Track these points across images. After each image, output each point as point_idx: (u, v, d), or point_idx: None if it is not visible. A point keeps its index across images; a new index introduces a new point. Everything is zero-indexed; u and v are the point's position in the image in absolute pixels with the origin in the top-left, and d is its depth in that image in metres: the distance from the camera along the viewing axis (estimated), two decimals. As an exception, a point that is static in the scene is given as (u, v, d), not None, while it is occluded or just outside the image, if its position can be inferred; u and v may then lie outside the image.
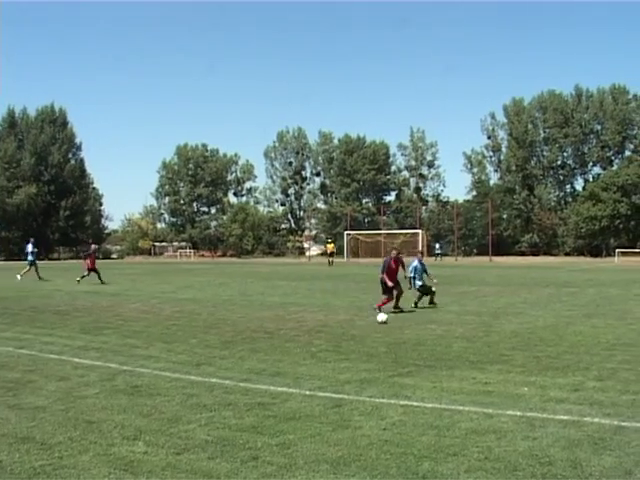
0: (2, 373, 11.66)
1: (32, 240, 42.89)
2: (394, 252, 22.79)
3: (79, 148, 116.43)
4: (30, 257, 41.19)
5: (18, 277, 39.49)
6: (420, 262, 23.43)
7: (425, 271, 23.40)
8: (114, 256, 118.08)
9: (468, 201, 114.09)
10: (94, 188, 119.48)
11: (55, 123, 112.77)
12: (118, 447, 7.51)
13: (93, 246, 40.57)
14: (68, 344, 15.10)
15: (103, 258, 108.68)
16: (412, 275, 23.10)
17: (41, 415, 8.90)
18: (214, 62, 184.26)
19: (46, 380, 11.10)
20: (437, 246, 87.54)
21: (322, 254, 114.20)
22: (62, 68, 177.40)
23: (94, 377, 11.34)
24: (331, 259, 69.34)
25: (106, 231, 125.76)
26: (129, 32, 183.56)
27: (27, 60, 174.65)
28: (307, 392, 10.12)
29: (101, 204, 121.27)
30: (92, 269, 36.72)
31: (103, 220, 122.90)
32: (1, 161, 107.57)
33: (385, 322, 18.34)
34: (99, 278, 36.24)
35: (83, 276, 36.37)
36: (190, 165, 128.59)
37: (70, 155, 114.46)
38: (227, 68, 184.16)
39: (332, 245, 74.91)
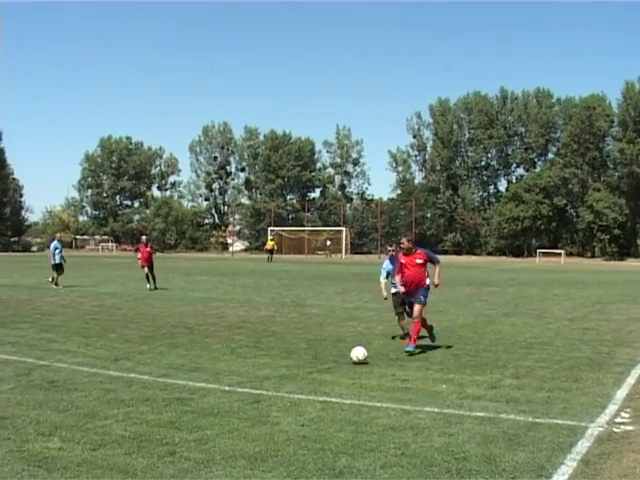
0: None
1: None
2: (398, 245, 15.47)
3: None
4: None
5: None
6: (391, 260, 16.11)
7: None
8: (34, 249, 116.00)
9: (392, 199, 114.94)
10: (14, 179, 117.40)
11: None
12: (32, 443, 7.40)
13: (144, 237, 32.43)
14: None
15: (22, 251, 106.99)
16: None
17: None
18: (141, 54, 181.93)
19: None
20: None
21: (246, 250, 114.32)
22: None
23: (9, 372, 11.15)
24: (270, 256, 69.40)
25: (26, 223, 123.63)
26: (51, 20, 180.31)
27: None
28: (226, 388, 10.11)
29: (21, 195, 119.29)
30: (148, 265, 29.63)
31: (23, 212, 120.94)
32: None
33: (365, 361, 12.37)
34: (148, 279, 29.30)
35: (148, 277, 29.41)
36: (114, 158, 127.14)
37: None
38: (153, 60, 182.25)
39: (272, 242, 74.91)
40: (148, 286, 28.74)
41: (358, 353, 12.30)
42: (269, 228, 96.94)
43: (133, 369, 11.50)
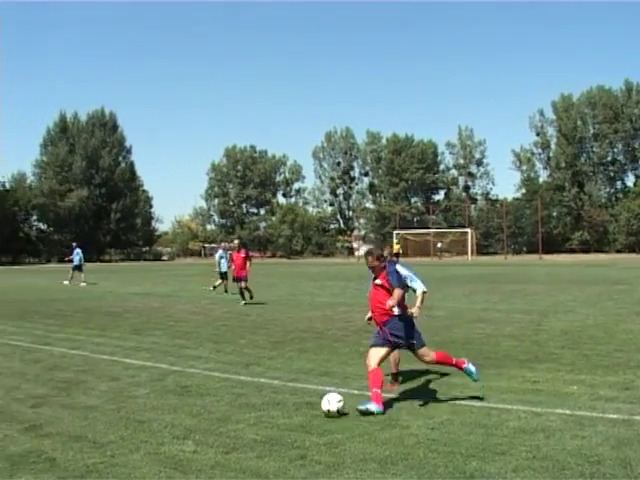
0: (56, 373, 11.85)
1: (75, 245, 43.77)
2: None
3: (129, 151, 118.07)
4: (75, 262, 41.57)
5: (66, 282, 39.65)
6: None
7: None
8: (165, 258, 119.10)
9: (517, 199, 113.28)
10: (144, 191, 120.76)
11: (105, 127, 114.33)
12: (168, 446, 7.62)
13: (236, 241, 30.05)
14: (119, 345, 15.30)
15: (153, 260, 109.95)
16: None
17: (93, 414, 9.04)
18: (265, 63, 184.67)
19: (98, 380, 11.27)
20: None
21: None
22: (112, 72, 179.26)
23: (145, 377, 11.48)
24: (396, 259, 69.23)
25: (156, 233, 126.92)
26: (176, 35, 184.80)
27: (78, 65, 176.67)
28: (355, 391, 10.15)
29: (151, 206, 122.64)
30: (240, 278, 26.02)
31: (153, 222, 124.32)
32: (53, 165, 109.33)
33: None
34: (243, 294, 25.66)
35: (242, 292, 25.89)
36: (239, 167, 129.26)
37: (120, 158, 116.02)
38: (274, 69, 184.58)
39: (398, 246, 74.90)
40: (243, 302, 25.13)
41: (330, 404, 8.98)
42: (394, 231, 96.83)
43: (263, 374, 11.67)
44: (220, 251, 32.57)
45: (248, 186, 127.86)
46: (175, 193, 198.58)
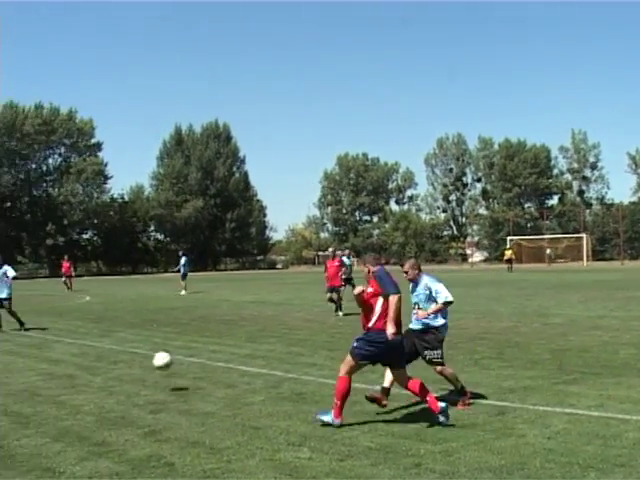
0: (173, 380, 12.11)
1: (181, 253, 45.34)
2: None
3: (243, 161, 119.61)
4: (182, 270, 42.43)
5: (183, 292, 40.46)
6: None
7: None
8: (279, 266, 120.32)
9: (634, 203, 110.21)
10: (258, 200, 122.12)
11: (219, 138, 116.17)
12: (283, 453, 7.70)
13: (330, 249, 29.39)
14: (235, 352, 15.53)
15: (268, 268, 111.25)
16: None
17: (210, 420, 9.22)
18: (375, 70, 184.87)
19: (214, 387, 11.48)
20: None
21: (485, 260, 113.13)
22: (225, 84, 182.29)
23: (260, 384, 11.64)
24: (510, 265, 68.78)
25: (270, 242, 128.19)
26: (288, 47, 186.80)
27: (192, 79, 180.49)
28: (470, 400, 10.06)
29: (265, 215, 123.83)
30: (334, 287, 24.74)
31: (267, 231, 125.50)
32: (169, 177, 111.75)
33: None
34: (338, 306, 24.31)
35: (335, 303, 24.52)
36: (351, 175, 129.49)
37: (234, 169, 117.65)
38: (387, 76, 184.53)
39: (510, 252, 74.06)
40: (340, 313, 23.90)
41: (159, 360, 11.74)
42: (508, 238, 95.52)
43: (377, 381, 11.65)
44: (344, 258, 32.21)
45: (361, 194, 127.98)
46: (289, 202, 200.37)
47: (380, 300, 9.05)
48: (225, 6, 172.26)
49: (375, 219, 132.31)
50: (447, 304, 10.53)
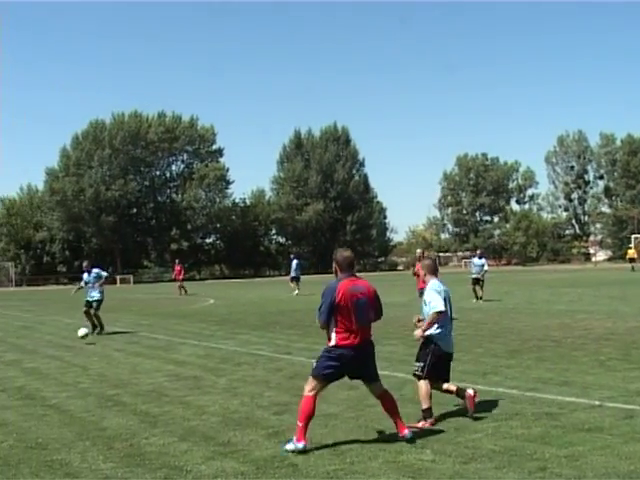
0: (296, 382, 12.19)
1: (292, 256, 47.26)
2: None
3: (362, 164, 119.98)
4: (293, 273, 43.10)
5: (295, 293, 41.39)
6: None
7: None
8: (400, 268, 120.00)
9: None
10: (378, 202, 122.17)
11: (339, 141, 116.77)
12: (406, 454, 7.67)
13: (419, 250, 28.65)
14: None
15: (389, 270, 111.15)
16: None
17: (333, 422, 9.25)
18: (492, 70, 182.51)
19: (337, 389, 11.45)
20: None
21: (609, 259, 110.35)
22: (343, 87, 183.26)
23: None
24: (633, 264, 67.10)
25: (391, 243, 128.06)
26: (401, 46, 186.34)
27: (311, 83, 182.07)
28: (596, 402, 9.85)
29: (385, 217, 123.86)
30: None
31: (388, 233, 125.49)
32: (290, 180, 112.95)
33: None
34: None
35: None
36: (471, 175, 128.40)
37: (354, 171, 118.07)
38: (504, 74, 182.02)
39: (633, 250, 72.22)
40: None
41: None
42: (632, 236, 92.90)
43: (501, 383, 11.53)
44: (475, 259, 31.67)
45: (481, 194, 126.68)
46: (409, 203, 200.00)
47: (338, 316, 8.35)
48: (343, 6, 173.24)
49: (496, 219, 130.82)
50: (438, 314, 9.38)
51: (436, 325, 9.48)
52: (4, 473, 7.49)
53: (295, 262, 43.85)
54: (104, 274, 22.45)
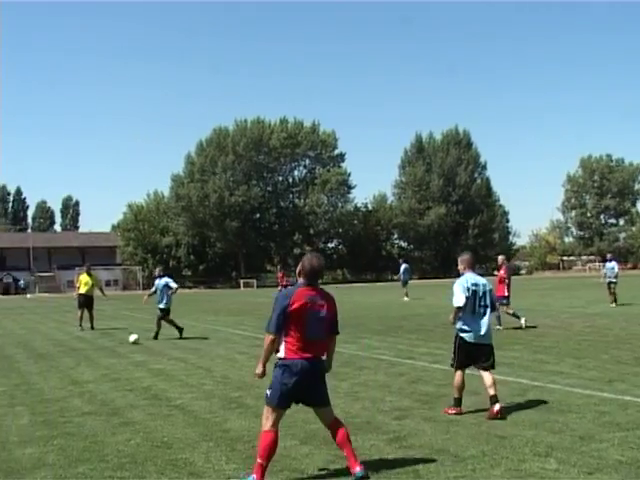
0: (418, 386, 12.17)
1: (402, 260, 47.23)
2: None
3: (484, 167, 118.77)
4: (402, 277, 43.30)
5: (405, 299, 41.32)
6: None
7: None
8: (522, 272, 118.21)
9: None
10: (500, 205, 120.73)
11: (460, 145, 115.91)
12: (529, 463, 7.54)
13: (501, 257, 24.74)
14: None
15: (512, 274, 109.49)
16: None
17: (454, 428, 9.17)
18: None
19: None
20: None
21: None
22: (464, 91, 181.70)
23: (505, 392, 11.43)
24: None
25: (514, 247, 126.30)
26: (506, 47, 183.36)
27: (430, 86, 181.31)
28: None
29: (508, 221, 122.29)
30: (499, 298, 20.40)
31: (510, 236, 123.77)
32: (411, 185, 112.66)
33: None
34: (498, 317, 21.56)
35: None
36: (595, 177, 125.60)
37: (476, 175, 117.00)
38: (623, 72, 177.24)
39: None
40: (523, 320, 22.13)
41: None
42: None
43: (627, 391, 11.22)
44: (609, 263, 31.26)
45: (606, 196, 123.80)
46: (531, 206, 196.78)
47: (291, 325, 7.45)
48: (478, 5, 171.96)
49: (621, 222, 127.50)
50: (457, 309, 10.18)
51: (459, 319, 10.20)
52: (131, 470, 7.72)
53: (404, 267, 43.80)
54: (174, 285, 22.49)
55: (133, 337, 20.86)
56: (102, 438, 9.21)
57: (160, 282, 22.47)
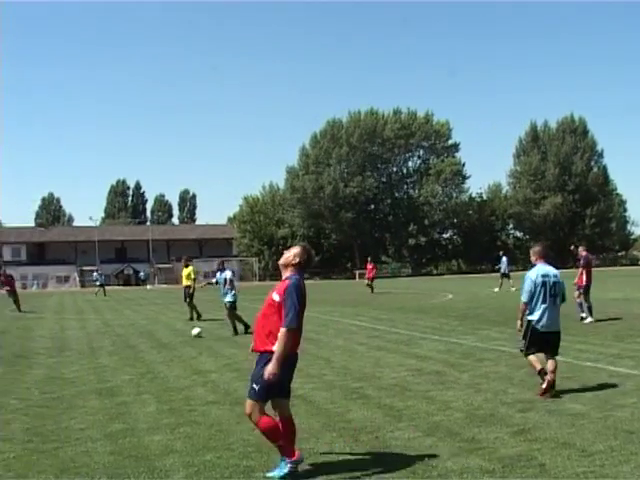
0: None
1: (502, 252, 49.71)
2: None
3: (601, 155, 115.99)
4: (503, 269, 44.09)
5: (496, 289, 41.93)
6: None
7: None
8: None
9: None
10: (617, 194, 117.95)
11: (575, 133, 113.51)
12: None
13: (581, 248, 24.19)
14: (602, 352, 15.07)
15: (630, 264, 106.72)
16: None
17: (580, 422, 9.01)
18: None
19: (583, 387, 11.22)
20: None
21: None
22: (580, 78, 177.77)
23: (630, 386, 11.20)
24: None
25: (632, 237, 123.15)
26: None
27: (545, 75, 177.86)
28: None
29: (625, 210, 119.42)
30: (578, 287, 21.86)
31: (628, 226, 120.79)
32: (526, 174, 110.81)
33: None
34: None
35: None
36: None
37: (592, 163, 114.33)
38: None
39: None
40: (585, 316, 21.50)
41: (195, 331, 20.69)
42: None
43: None
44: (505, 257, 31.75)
45: None
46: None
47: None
48: None
49: None
50: (523, 304, 11.00)
51: (527, 311, 10.95)
52: (257, 459, 7.84)
53: (505, 258, 44.96)
54: (230, 278, 21.85)
55: (196, 330, 20.86)
56: (227, 427, 9.39)
57: (221, 276, 22.16)
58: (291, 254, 7.61)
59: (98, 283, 60.71)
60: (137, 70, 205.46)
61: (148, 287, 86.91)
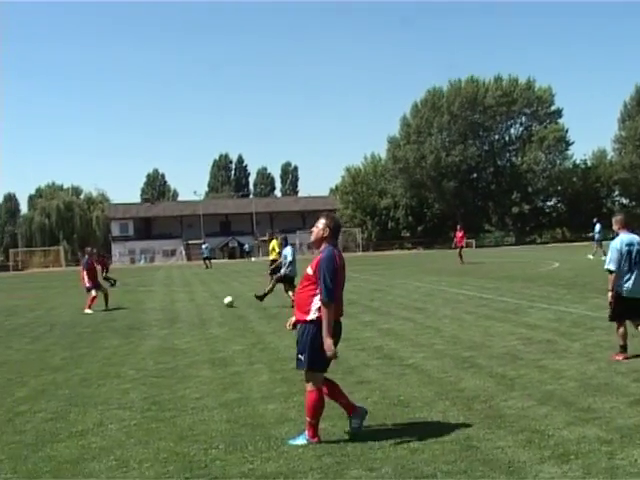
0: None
1: (596, 220, 48.52)
2: None
3: None
4: (597, 236, 43.81)
5: (590, 256, 41.02)
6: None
7: None
8: None
9: None
10: None
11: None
12: None
13: None
14: None
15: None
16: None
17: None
18: None
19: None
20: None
21: None
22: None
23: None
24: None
25: None
26: None
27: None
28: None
29: None
30: None
31: None
32: (632, 139, 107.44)
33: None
34: None
35: None
36: None
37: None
38: None
39: None
40: None
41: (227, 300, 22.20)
42: None
43: None
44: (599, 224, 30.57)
45: None
46: None
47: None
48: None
49: None
50: (610, 273, 11.20)
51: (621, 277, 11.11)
52: (371, 428, 7.93)
53: (598, 226, 44.67)
54: (288, 256, 21.50)
55: (228, 299, 22.28)
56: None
57: (284, 251, 21.99)
58: (319, 227, 7.66)
59: (204, 256, 61.82)
60: (240, 47, 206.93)
61: (252, 259, 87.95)
